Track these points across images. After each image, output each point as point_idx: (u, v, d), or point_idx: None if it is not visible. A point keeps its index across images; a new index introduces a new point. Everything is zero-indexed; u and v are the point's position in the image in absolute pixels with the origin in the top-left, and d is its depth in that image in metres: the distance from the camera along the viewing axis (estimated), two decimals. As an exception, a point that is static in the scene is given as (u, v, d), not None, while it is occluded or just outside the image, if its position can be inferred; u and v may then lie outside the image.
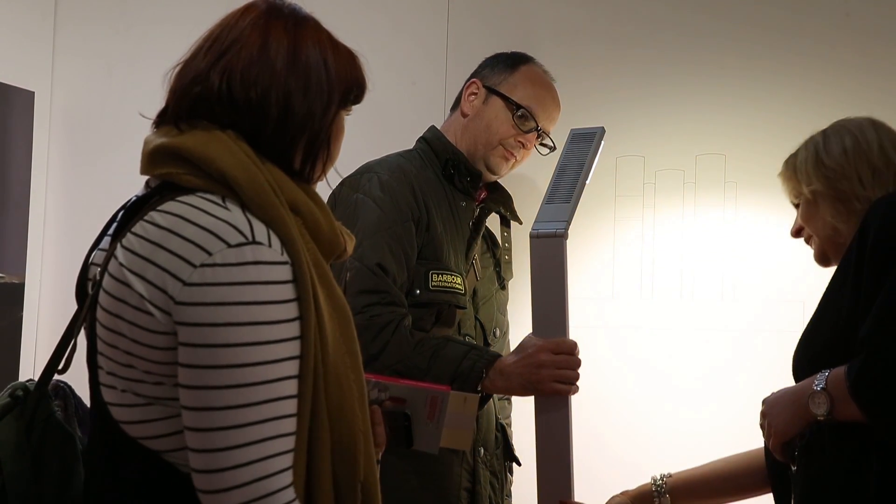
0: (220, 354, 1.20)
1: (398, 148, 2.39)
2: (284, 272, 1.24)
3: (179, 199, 1.27)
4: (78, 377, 1.39)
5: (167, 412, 1.26)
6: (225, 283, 1.20)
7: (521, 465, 2.35)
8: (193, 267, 1.21)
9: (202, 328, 1.20)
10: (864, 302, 1.57)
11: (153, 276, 1.23)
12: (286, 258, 1.24)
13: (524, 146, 2.36)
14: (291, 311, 1.24)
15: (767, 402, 1.73)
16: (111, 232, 1.35)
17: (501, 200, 2.45)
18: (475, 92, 2.38)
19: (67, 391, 1.47)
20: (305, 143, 1.34)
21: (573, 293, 2.11)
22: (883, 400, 1.51)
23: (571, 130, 2.19)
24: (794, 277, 2.39)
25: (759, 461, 1.89)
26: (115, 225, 1.35)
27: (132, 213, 1.31)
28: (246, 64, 1.31)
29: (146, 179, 1.36)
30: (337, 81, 1.36)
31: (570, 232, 2.02)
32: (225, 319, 1.20)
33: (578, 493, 2.04)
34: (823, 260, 1.83)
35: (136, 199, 1.34)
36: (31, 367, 3.05)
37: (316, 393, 1.26)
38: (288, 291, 1.23)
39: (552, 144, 2.39)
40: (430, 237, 2.22)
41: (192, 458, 1.22)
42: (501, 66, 2.39)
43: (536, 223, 2.04)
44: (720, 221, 2.54)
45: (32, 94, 3.13)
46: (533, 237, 2.03)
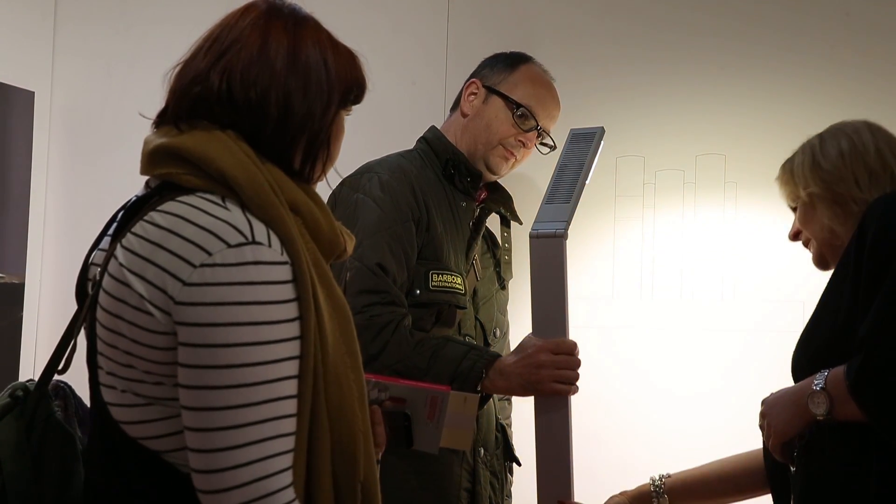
0: (219, 354, 1.20)
1: (398, 148, 2.39)
2: (284, 272, 1.24)
3: (179, 199, 1.27)
4: (78, 377, 1.39)
5: (167, 412, 1.26)
6: (225, 283, 1.20)
7: (521, 465, 2.35)
8: (193, 267, 1.21)
9: (202, 328, 1.20)
10: (862, 301, 1.57)
11: (153, 276, 1.23)
12: (286, 258, 1.24)
13: (524, 145, 2.36)
14: (291, 311, 1.24)
15: (767, 402, 1.73)
16: (111, 232, 1.35)
17: (502, 201, 2.45)
18: (475, 92, 2.38)
19: (67, 391, 1.47)
20: (305, 143, 1.34)
21: (573, 293, 2.11)
22: (882, 399, 1.51)
23: (571, 130, 2.19)
24: (794, 277, 2.39)
25: (758, 462, 1.89)
26: (115, 225, 1.35)
27: (132, 213, 1.31)
28: (246, 64, 1.31)
29: (146, 179, 1.36)
30: (337, 81, 1.36)
31: (570, 232, 2.02)
32: (225, 319, 1.20)
33: (578, 492, 2.04)
34: (822, 263, 1.83)
35: (135, 199, 1.34)
36: (31, 367, 3.05)
37: (316, 393, 1.26)
38: (288, 291, 1.23)
39: (552, 143, 2.39)
40: (430, 237, 2.22)
41: (191, 458, 1.22)
42: (501, 65, 2.39)
43: (536, 223, 2.04)
44: (720, 221, 2.54)
45: (32, 94, 3.13)
46: (533, 237, 2.03)
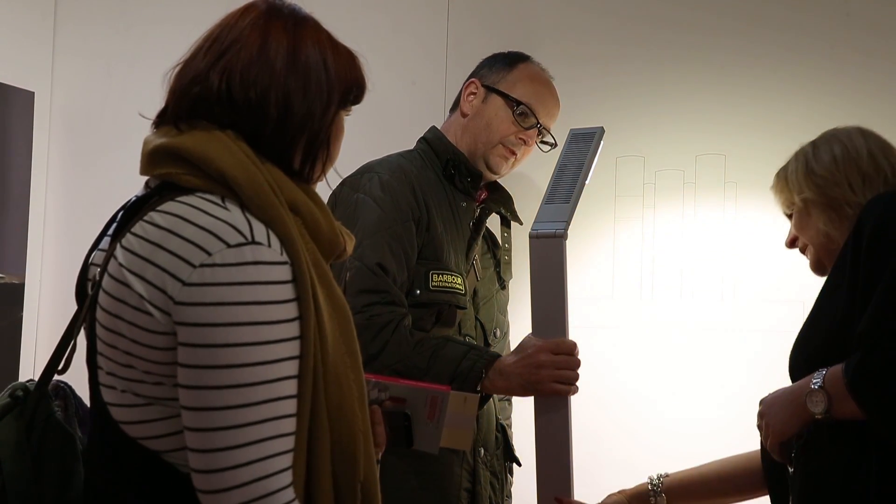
0: (219, 354, 1.20)
1: (398, 148, 2.39)
2: (284, 272, 1.24)
3: (179, 199, 1.27)
4: (78, 377, 1.39)
5: (167, 412, 1.26)
6: (224, 283, 1.20)
7: (521, 465, 2.34)
8: (193, 267, 1.21)
9: (202, 328, 1.20)
10: (860, 300, 1.57)
11: (153, 276, 1.23)
12: (286, 258, 1.24)
13: (525, 143, 2.36)
14: (291, 311, 1.24)
15: (765, 402, 1.73)
16: (111, 232, 1.35)
17: (502, 201, 2.45)
18: (474, 91, 2.38)
19: (67, 391, 1.47)
20: (305, 143, 1.34)
21: (573, 293, 2.11)
22: (881, 396, 1.50)
23: (571, 130, 2.19)
24: (794, 277, 2.39)
25: (756, 462, 1.89)
26: (114, 225, 1.35)
27: (132, 213, 1.31)
28: (245, 64, 1.31)
29: (146, 180, 1.36)
30: (336, 81, 1.36)
31: (569, 232, 2.02)
32: (224, 319, 1.20)
33: (578, 492, 2.04)
34: (819, 268, 1.84)
35: (135, 199, 1.34)
36: (31, 367, 3.05)
37: (316, 393, 1.26)
38: (287, 291, 1.23)
39: (553, 141, 2.39)
40: (430, 237, 2.22)
41: (191, 458, 1.22)
42: (499, 64, 2.39)
43: (536, 223, 2.04)
44: (720, 221, 2.54)
45: (32, 94, 3.13)
46: (532, 237, 2.03)
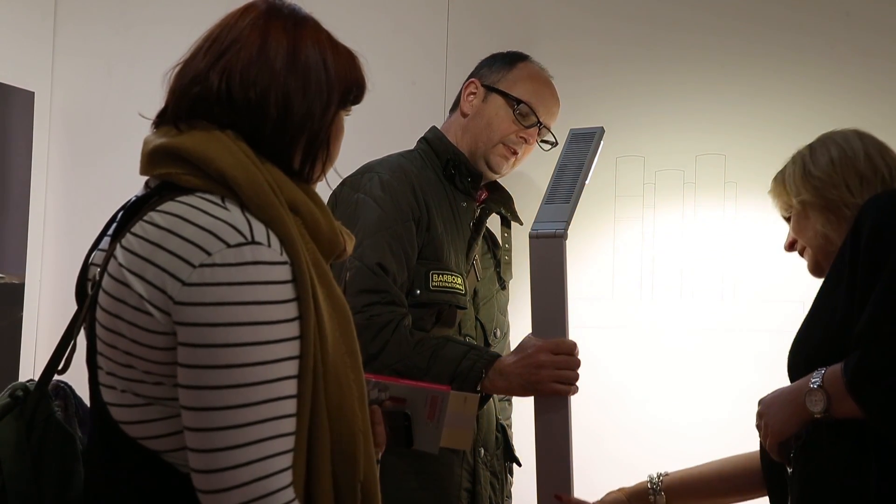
0: (219, 354, 1.20)
1: (398, 148, 2.39)
2: (284, 272, 1.24)
3: (179, 199, 1.27)
4: (78, 377, 1.39)
5: (167, 412, 1.26)
6: (224, 283, 1.20)
7: (521, 465, 2.34)
8: (193, 267, 1.21)
9: (201, 328, 1.20)
10: (858, 299, 1.56)
11: (152, 276, 1.23)
12: (285, 258, 1.24)
13: (526, 141, 2.36)
14: (291, 310, 1.24)
15: (763, 402, 1.73)
16: (111, 232, 1.35)
17: (502, 201, 2.45)
18: (474, 91, 2.38)
19: (67, 391, 1.47)
20: (305, 143, 1.34)
21: (573, 293, 2.11)
22: (880, 395, 1.50)
23: (571, 130, 2.19)
24: (793, 277, 2.38)
25: (756, 463, 1.88)
26: (114, 225, 1.35)
27: (132, 213, 1.31)
28: (245, 64, 1.31)
29: (146, 180, 1.36)
30: (336, 81, 1.36)
31: (569, 232, 2.02)
32: (224, 319, 1.20)
33: (577, 492, 2.04)
34: (817, 270, 1.84)
35: (135, 199, 1.34)
36: (31, 367, 3.05)
37: (315, 393, 1.26)
38: (287, 291, 1.23)
39: (554, 140, 2.39)
40: (430, 237, 2.22)
41: (191, 457, 1.22)
42: (499, 64, 2.39)
43: (536, 223, 2.04)
44: (720, 221, 2.54)
45: (32, 94, 3.13)
46: (532, 237, 2.03)
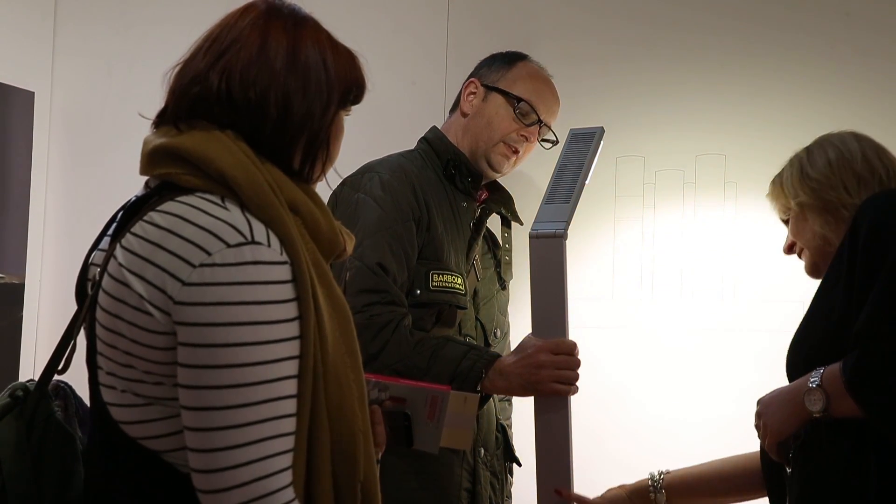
0: (219, 354, 1.20)
1: (398, 148, 2.39)
2: (284, 272, 1.24)
3: (178, 199, 1.27)
4: (78, 377, 1.39)
5: (167, 412, 1.26)
6: (224, 282, 1.20)
7: (521, 465, 2.34)
8: (192, 267, 1.21)
9: (201, 328, 1.20)
10: (856, 299, 1.56)
11: (152, 276, 1.23)
12: (285, 258, 1.24)
13: (527, 139, 2.36)
14: (291, 310, 1.24)
15: (762, 401, 1.73)
16: (111, 232, 1.35)
17: (502, 201, 2.45)
18: (474, 91, 2.38)
19: (67, 391, 1.47)
20: (305, 143, 1.34)
21: (573, 293, 2.11)
22: (879, 394, 1.50)
23: (571, 130, 2.19)
24: (793, 277, 2.38)
25: (757, 463, 1.88)
26: (114, 225, 1.35)
27: (131, 213, 1.31)
28: (245, 64, 1.31)
29: (146, 180, 1.36)
30: (336, 81, 1.36)
31: (569, 232, 2.02)
32: (224, 319, 1.20)
33: (578, 492, 2.04)
34: (815, 271, 1.84)
35: (135, 199, 1.34)
36: (31, 367, 3.05)
37: (315, 392, 1.26)
38: (287, 291, 1.23)
39: (554, 138, 2.39)
40: (430, 237, 2.22)
41: (191, 457, 1.22)
42: (498, 64, 2.40)
43: (536, 223, 2.04)
44: (720, 221, 2.54)
45: (32, 94, 3.13)
46: (532, 237, 2.03)
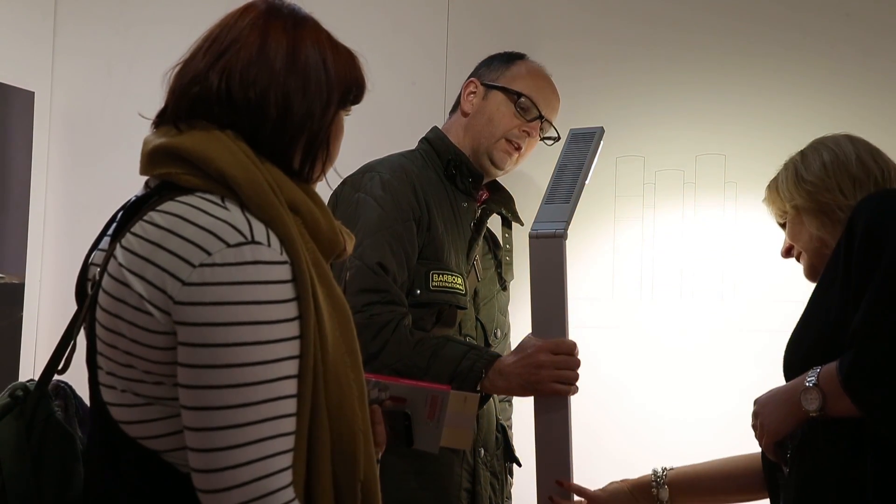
0: (219, 354, 1.20)
1: (398, 148, 2.39)
2: (284, 272, 1.24)
3: (178, 199, 1.27)
4: (78, 377, 1.39)
5: (167, 412, 1.26)
6: (224, 282, 1.20)
7: (521, 465, 2.34)
8: (193, 267, 1.21)
9: (201, 328, 1.20)
10: (852, 299, 1.56)
11: (152, 276, 1.23)
12: (285, 258, 1.24)
13: (529, 134, 2.35)
14: (291, 310, 1.24)
15: (759, 401, 1.72)
16: (111, 232, 1.35)
17: (503, 201, 2.45)
18: (474, 91, 2.38)
19: (68, 391, 1.47)
20: (304, 143, 1.34)
21: (573, 293, 2.11)
22: (875, 393, 1.50)
23: (571, 130, 2.19)
24: (793, 277, 2.38)
25: (760, 464, 1.88)
26: (114, 225, 1.35)
27: (131, 213, 1.31)
28: (245, 64, 1.31)
29: (146, 180, 1.36)
30: (336, 81, 1.36)
31: (569, 232, 2.02)
32: (224, 319, 1.20)
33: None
34: (813, 274, 1.84)
35: (135, 199, 1.34)
36: (31, 367, 3.05)
37: (315, 392, 1.26)
38: (287, 291, 1.23)
39: (556, 135, 2.39)
40: (430, 237, 2.22)
41: (191, 457, 1.22)
42: (497, 63, 2.40)
43: (536, 223, 2.04)
44: (720, 221, 2.54)
45: (32, 94, 3.13)
46: (532, 237, 2.03)
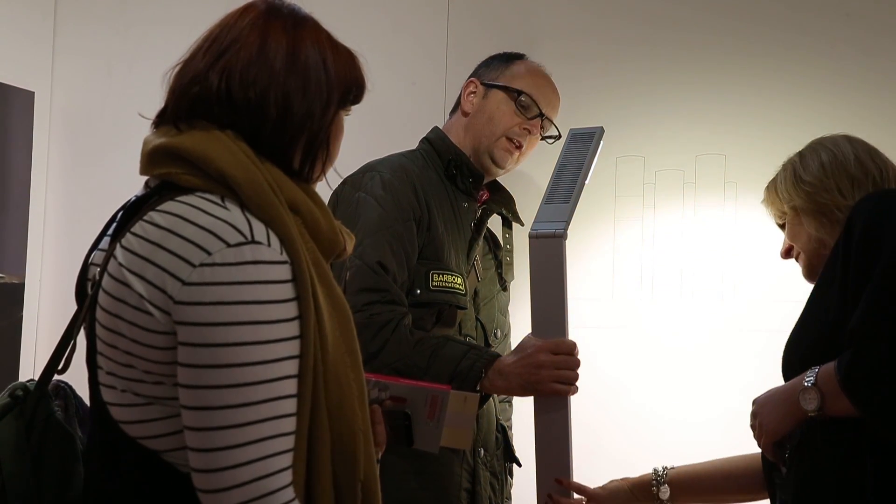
0: (219, 354, 1.20)
1: (398, 148, 2.39)
2: (284, 271, 1.24)
3: (178, 198, 1.27)
4: (78, 377, 1.39)
5: (167, 412, 1.26)
6: (224, 282, 1.20)
7: (521, 465, 2.34)
8: (193, 266, 1.21)
9: (201, 327, 1.20)
10: (851, 299, 1.56)
11: (152, 275, 1.23)
12: (285, 257, 1.24)
13: (530, 132, 2.35)
14: (291, 310, 1.24)
15: (757, 401, 1.72)
16: (111, 232, 1.35)
17: (503, 202, 2.45)
18: (474, 90, 2.38)
19: (68, 391, 1.48)
20: (304, 142, 1.34)
21: (573, 293, 2.11)
22: (874, 392, 1.50)
23: (570, 130, 2.20)
24: (793, 277, 2.38)
25: (760, 464, 1.88)
26: (114, 225, 1.35)
27: (131, 213, 1.31)
28: (245, 64, 1.31)
29: (146, 179, 1.36)
30: (336, 81, 1.36)
31: (569, 232, 2.02)
32: (224, 319, 1.20)
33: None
34: (811, 274, 1.84)
35: (135, 199, 1.34)
36: (31, 367, 3.05)
37: (315, 392, 1.26)
38: (287, 291, 1.23)
39: (557, 133, 2.39)
40: (431, 237, 2.22)
41: (191, 457, 1.22)
42: (497, 62, 2.41)
43: (535, 223, 2.04)
44: (720, 221, 2.54)
45: (32, 94, 3.13)
46: (532, 237, 2.03)
